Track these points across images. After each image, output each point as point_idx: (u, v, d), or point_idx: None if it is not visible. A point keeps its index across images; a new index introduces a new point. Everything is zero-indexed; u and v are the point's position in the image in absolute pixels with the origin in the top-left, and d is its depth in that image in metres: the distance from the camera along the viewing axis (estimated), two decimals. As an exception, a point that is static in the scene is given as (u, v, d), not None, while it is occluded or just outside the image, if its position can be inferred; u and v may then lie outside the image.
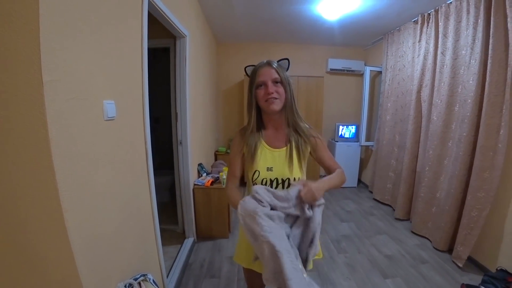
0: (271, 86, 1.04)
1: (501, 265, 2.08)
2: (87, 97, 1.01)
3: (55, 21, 0.84)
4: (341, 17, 3.25)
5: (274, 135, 1.16)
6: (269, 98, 1.05)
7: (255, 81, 1.07)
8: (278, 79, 1.06)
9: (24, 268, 0.92)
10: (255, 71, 1.09)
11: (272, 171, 1.11)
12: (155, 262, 1.69)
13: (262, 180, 1.12)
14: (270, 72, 1.06)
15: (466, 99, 2.39)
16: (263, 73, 1.06)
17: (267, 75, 1.05)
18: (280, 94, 1.06)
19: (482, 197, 2.25)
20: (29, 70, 0.79)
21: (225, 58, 4.69)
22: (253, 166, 1.13)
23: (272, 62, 1.08)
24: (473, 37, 2.33)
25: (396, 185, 3.64)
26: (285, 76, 1.08)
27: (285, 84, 1.07)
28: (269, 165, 1.12)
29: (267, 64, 1.08)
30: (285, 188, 1.12)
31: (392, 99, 3.72)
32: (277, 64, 1.09)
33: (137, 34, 1.46)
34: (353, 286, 2.15)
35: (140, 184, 1.52)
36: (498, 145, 2.13)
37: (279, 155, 1.13)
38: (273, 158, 1.13)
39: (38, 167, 0.84)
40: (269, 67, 1.06)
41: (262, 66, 1.07)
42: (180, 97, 2.49)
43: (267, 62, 1.08)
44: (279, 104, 1.07)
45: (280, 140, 1.15)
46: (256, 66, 1.11)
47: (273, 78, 1.05)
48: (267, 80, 1.05)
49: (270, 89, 1.04)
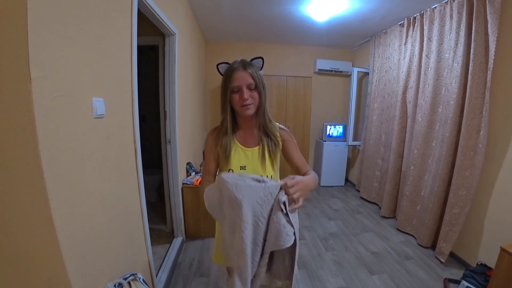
0: (246, 92, 1.03)
1: (481, 260, 2.17)
2: (75, 94, 1.00)
3: (43, 15, 0.82)
4: (330, 19, 3.30)
5: (246, 135, 1.17)
6: (244, 104, 1.04)
7: (230, 85, 1.04)
8: (253, 85, 1.04)
9: (10, 267, 0.90)
10: (230, 74, 1.04)
11: (246, 170, 1.12)
12: (144, 262, 1.67)
13: None
14: (245, 77, 1.03)
15: (449, 100, 2.47)
16: (238, 78, 1.02)
17: (242, 80, 1.02)
18: (255, 99, 1.06)
19: (463, 195, 2.34)
20: (16, 66, 0.77)
21: (213, 57, 4.66)
22: (227, 165, 1.13)
23: (247, 65, 1.05)
24: (456, 41, 2.42)
25: (382, 183, 3.73)
26: (259, 80, 1.05)
27: (259, 88, 1.06)
28: (242, 164, 1.13)
29: (242, 67, 1.04)
30: None
31: (379, 100, 3.81)
32: (251, 66, 1.06)
33: (127, 31, 1.44)
34: (340, 283, 2.20)
35: (129, 183, 1.50)
36: (479, 145, 2.22)
37: (252, 154, 1.14)
38: (246, 157, 1.14)
39: (26, 164, 0.82)
40: (244, 72, 1.03)
41: (237, 70, 1.03)
42: (169, 96, 2.47)
43: (242, 65, 1.04)
44: (254, 109, 1.08)
45: (253, 140, 1.16)
46: (230, 66, 1.07)
47: (248, 84, 1.03)
48: (242, 85, 1.03)
49: (245, 95, 1.02)
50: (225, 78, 1.07)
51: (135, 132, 1.54)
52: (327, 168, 4.75)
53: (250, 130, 1.17)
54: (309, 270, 2.36)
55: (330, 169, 4.77)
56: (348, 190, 4.69)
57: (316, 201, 4.10)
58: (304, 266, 2.40)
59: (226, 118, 1.11)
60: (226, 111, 1.10)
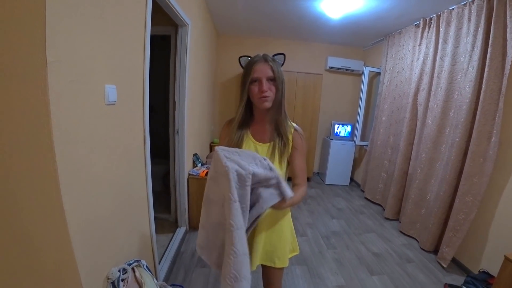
0: (265, 84, 1.04)
1: (484, 267, 2.16)
2: (89, 80, 1.01)
3: (61, 1, 0.83)
4: (344, 16, 3.25)
5: (260, 130, 1.18)
6: (262, 96, 1.06)
7: (250, 76, 1.06)
8: (272, 77, 1.06)
9: (20, 250, 0.93)
10: (250, 65, 1.07)
11: None
12: (147, 249, 1.70)
13: None
14: (265, 69, 1.05)
15: (462, 105, 2.43)
16: (258, 69, 1.05)
17: (262, 72, 1.05)
18: (273, 92, 1.08)
19: (469, 201, 2.31)
20: (33, 50, 0.78)
21: (224, 50, 4.66)
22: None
23: (268, 58, 1.07)
24: (472, 44, 2.37)
25: (387, 185, 3.71)
26: (279, 74, 1.07)
27: (278, 82, 1.07)
28: None
29: (263, 59, 1.07)
30: None
31: (389, 101, 3.76)
32: (272, 60, 1.08)
33: (141, 20, 1.44)
34: (340, 281, 2.21)
35: (137, 171, 1.52)
36: (489, 152, 2.19)
37: (262, 149, 1.15)
38: (256, 151, 1.13)
39: (39, 148, 0.84)
40: (265, 64, 1.06)
41: (258, 62, 1.06)
42: (179, 86, 2.48)
43: (263, 57, 1.08)
44: (271, 102, 1.09)
45: (265, 135, 1.17)
46: (251, 59, 1.10)
47: (268, 76, 1.05)
48: (261, 77, 1.05)
49: (264, 87, 1.04)
50: (246, 69, 1.09)
51: (145, 121, 1.56)
52: (333, 167, 4.73)
53: (264, 124, 1.17)
54: (309, 267, 2.37)
55: (335, 168, 4.75)
56: (353, 190, 4.67)
57: (320, 199, 4.10)
58: (305, 263, 2.42)
59: (242, 109, 1.12)
60: (243, 102, 1.11)
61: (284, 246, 1.24)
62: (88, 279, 1.03)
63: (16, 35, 0.78)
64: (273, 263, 1.22)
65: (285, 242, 1.25)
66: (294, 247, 1.34)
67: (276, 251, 1.22)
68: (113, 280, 1.15)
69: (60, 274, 0.97)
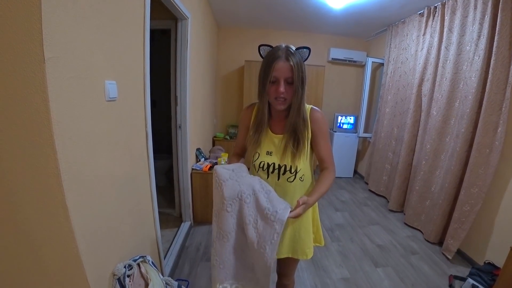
0: (283, 86, 1.02)
1: (489, 259, 2.15)
2: (88, 76, 0.99)
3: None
4: (346, 6, 3.19)
5: (276, 122, 1.19)
6: (278, 97, 1.04)
7: (270, 74, 1.01)
8: (290, 79, 1.02)
9: (25, 246, 0.93)
10: (271, 62, 1.01)
11: (271, 156, 1.15)
12: (152, 245, 1.71)
13: (260, 163, 1.16)
14: (285, 69, 1.00)
15: (467, 95, 2.39)
16: (278, 69, 1.00)
17: (281, 72, 1.01)
18: (290, 94, 1.05)
19: (475, 193, 2.29)
20: (30, 46, 0.77)
21: (225, 43, 4.61)
22: (255, 148, 1.17)
23: (290, 55, 1.00)
24: (479, 33, 2.31)
25: (391, 177, 3.69)
26: (299, 76, 1.02)
27: (296, 85, 1.03)
28: (269, 149, 1.16)
29: (284, 57, 1.00)
30: (280, 174, 1.15)
31: (393, 92, 3.72)
32: (294, 57, 1.01)
33: (140, 14, 1.42)
34: (345, 273, 2.21)
35: (140, 167, 1.52)
36: (495, 143, 2.16)
37: (278, 141, 1.15)
38: (273, 143, 1.16)
39: (40, 145, 0.83)
40: (285, 63, 1.00)
41: (279, 60, 1.00)
42: (180, 81, 2.46)
43: (285, 54, 1.00)
44: (286, 104, 1.08)
45: (281, 127, 1.17)
46: (273, 53, 1.03)
47: (286, 77, 1.01)
48: (280, 78, 1.01)
49: (281, 89, 1.01)
50: (265, 65, 1.04)
51: (147, 116, 1.55)
52: (336, 159, 4.56)
53: (281, 118, 1.17)
54: (314, 259, 2.37)
55: (339, 160, 4.72)
56: (357, 182, 4.66)
57: (323, 192, 4.09)
58: (309, 256, 2.42)
59: (263, 108, 1.12)
60: (263, 100, 1.10)
61: (310, 238, 1.26)
62: (94, 275, 1.03)
63: (11, 31, 0.76)
64: (305, 255, 1.24)
65: (310, 233, 1.26)
66: (318, 238, 1.34)
67: (304, 243, 1.23)
68: (119, 276, 1.15)
69: (66, 271, 0.97)
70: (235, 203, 1.05)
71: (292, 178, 1.15)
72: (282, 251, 1.22)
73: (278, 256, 1.23)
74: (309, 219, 1.25)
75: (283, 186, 1.16)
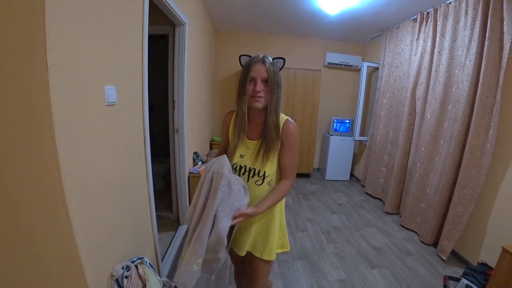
0: (260, 85, 1.09)
1: (482, 259, 2.18)
2: (89, 82, 1.02)
3: (59, 2, 0.84)
4: (341, 12, 3.25)
5: (251, 127, 1.23)
6: (255, 95, 1.10)
7: (248, 75, 1.11)
8: (266, 79, 1.10)
9: (26, 246, 0.95)
10: (249, 65, 1.11)
11: (243, 159, 1.22)
12: (150, 247, 1.73)
13: (234, 164, 1.24)
14: (262, 70, 1.09)
15: (460, 99, 2.44)
16: (255, 70, 1.09)
17: (258, 73, 1.09)
18: (266, 94, 1.12)
19: (468, 194, 2.33)
20: (34, 53, 0.80)
21: (223, 47, 4.66)
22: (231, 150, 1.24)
23: (266, 60, 1.10)
24: (470, 38, 2.37)
25: (387, 180, 3.73)
26: (274, 77, 1.10)
27: (272, 85, 1.10)
28: (242, 153, 1.23)
29: (261, 61, 1.10)
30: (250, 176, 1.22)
31: (388, 96, 3.77)
32: (270, 62, 1.11)
33: (138, 20, 1.45)
34: (341, 275, 2.24)
35: (138, 170, 1.54)
36: (487, 145, 2.21)
37: (251, 145, 1.21)
38: (246, 148, 1.22)
39: (42, 148, 0.86)
40: (262, 65, 1.09)
41: (256, 62, 1.10)
42: (178, 85, 2.49)
43: (262, 59, 1.11)
44: (263, 103, 1.13)
45: (255, 133, 1.22)
46: (251, 59, 1.14)
47: (263, 77, 1.09)
48: (257, 77, 1.09)
49: (258, 88, 1.09)
50: (244, 68, 1.14)
51: (145, 120, 1.58)
52: (333, 162, 4.76)
53: (257, 123, 1.22)
54: (310, 261, 2.40)
55: (335, 164, 4.77)
56: (353, 185, 4.70)
57: (320, 194, 4.13)
58: (306, 258, 2.45)
59: (242, 110, 1.17)
60: (242, 102, 1.15)
61: (272, 240, 1.29)
62: (93, 276, 1.05)
63: (17, 39, 0.79)
64: (260, 254, 1.28)
65: (274, 236, 1.29)
66: (284, 244, 1.37)
67: (265, 242, 1.28)
68: (117, 277, 1.18)
69: (66, 272, 0.99)
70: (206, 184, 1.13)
71: (260, 181, 1.21)
72: (243, 247, 1.29)
73: (239, 253, 1.31)
74: (272, 219, 1.28)
75: (252, 188, 1.21)
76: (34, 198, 0.91)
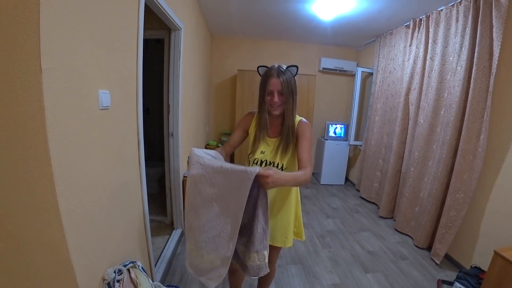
0: (277, 96, 1.28)
1: (476, 262, 2.20)
2: (82, 86, 1.03)
3: (55, 8, 0.85)
4: (335, 18, 3.30)
5: (271, 127, 1.43)
6: (273, 105, 1.30)
7: (266, 88, 1.29)
8: (282, 91, 1.27)
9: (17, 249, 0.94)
10: (266, 79, 1.28)
11: (264, 154, 1.40)
12: (143, 251, 1.72)
13: (255, 159, 1.41)
14: (277, 84, 1.27)
15: (451, 104, 2.48)
16: (271, 84, 1.27)
17: (274, 86, 1.27)
18: (283, 102, 1.31)
19: (460, 198, 2.36)
20: (28, 57, 0.80)
21: (218, 52, 4.68)
22: (253, 148, 1.42)
23: (280, 73, 1.26)
24: (461, 44, 2.42)
25: (382, 184, 3.75)
26: (288, 88, 1.27)
27: (286, 95, 1.28)
28: (263, 150, 1.41)
29: (276, 75, 1.27)
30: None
31: (382, 101, 3.81)
32: (284, 74, 1.26)
33: (133, 25, 1.46)
34: (335, 279, 2.24)
35: (131, 174, 1.54)
36: (478, 149, 2.24)
37: (271, 143, 1.41)
38: (267, 145, 1.41)
39: (35, 151, 0.86)
40: (276, 79, 1.26)
41: (272, 77, 1.27)
42: (173, 89, 2.50)
43: (276, 73, 1.27)
44: (280, 110, 1.33)
45: (275, 132, 1.43)
46: (268, 72, 1.30)
47: (279, 90, 1.27)
48: (274, 90, 1.28)
49: (275, 99, 1.28)
50: (263, 81, 1.32)
51: (139, 124, 1.58)
52: (328, 167, 4.77)
53: (276, 124, 1.42)
54: (304, 266, 2.40)
55: (330, 168, 4.79)
56: (348, 189, 4.72)
57: (315, 199, 4.14)
58: (300, 262, 2.44)
59: (264, 117, 1.36)
60: (264, 110, 1.35)
61: (290, 228, 1.48)
62: (84, 280, 1.04)
63: (11, 44, 0.80)
64: (283, 244, 1.47)
65: (291, 224, 1.48)
66: (299, 232, 1.57)
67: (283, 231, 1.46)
68: (109, 281, 1.17)
69: (56, 275, 0.98)
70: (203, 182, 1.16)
71: None
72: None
73: None
74: (291, 212, 1.48)
75: None
76: (26, 202, 0.90)
